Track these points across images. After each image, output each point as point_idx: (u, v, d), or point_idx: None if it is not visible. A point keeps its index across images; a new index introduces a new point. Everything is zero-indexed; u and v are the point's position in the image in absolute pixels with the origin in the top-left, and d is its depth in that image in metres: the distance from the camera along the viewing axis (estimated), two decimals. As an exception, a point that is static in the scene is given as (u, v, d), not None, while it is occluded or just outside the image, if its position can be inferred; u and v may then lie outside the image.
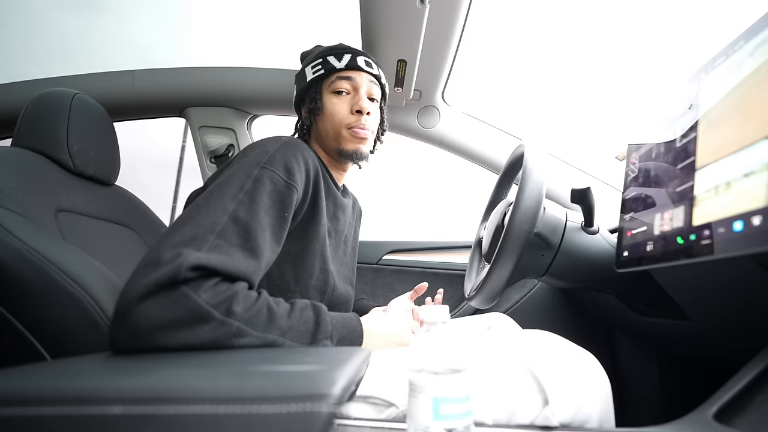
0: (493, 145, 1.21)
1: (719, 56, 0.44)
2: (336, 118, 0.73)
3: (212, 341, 0.42)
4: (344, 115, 0.73)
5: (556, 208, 0.69)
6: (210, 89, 1.19)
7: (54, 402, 0.28)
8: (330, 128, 0.74)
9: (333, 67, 0.75)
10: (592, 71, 31.16)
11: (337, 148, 0.74)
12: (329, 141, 0.75)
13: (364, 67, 0.76)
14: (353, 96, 0.75)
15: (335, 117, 0.73)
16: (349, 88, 0.75)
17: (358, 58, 0.76)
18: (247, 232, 0.49)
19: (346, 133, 0.73)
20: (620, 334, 0.96)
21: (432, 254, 1.27)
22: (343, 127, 0.73)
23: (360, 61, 0.76)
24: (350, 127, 0.73)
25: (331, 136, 0.74)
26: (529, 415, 0.40)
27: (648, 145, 0.55)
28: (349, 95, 0.75)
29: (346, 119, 0.73)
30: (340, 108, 0.74)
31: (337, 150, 0.74)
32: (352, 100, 0.74)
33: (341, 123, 0.73)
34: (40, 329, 0.51)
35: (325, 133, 0.75)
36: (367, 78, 0.76)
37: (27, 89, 1.16)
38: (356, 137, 0.73)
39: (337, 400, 0.28)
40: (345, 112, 0.74)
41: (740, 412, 0.35)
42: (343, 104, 0.74)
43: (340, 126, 0.73)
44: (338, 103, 0.74)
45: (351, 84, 0.75)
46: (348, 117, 0.73)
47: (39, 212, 0.62)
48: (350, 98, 0.75)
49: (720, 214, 0.36)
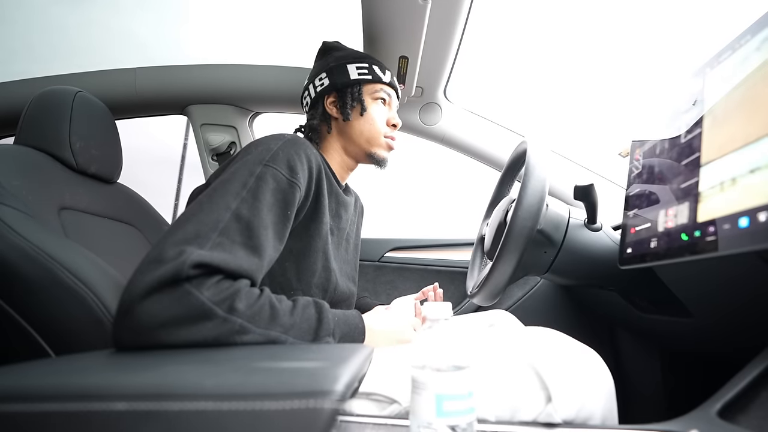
0: (495, 142, 1.21)
1: (725, 51, 0.44)
2: (377, 124, 0.79)
3: (215, 338, 0.42)
4: (383, 123, 0.80)
5: (559, 205, 0.69)
6: (212, 87, 1.19)
7: (58, 398, 0.28)
8: (367, 131, 0.78)
9: (380, 77, 0.80)
10: (596, 67, 30.95)
11: (369, 150, 0.79)
12: (362, 141, 0.79)
13: (398, 86, 0.84)
14: (389, 110, 0.83)
15: (376, 122, 0.79)
16: (388, 102, 0.82)
17: (395, 78, 0.84)
18: (249, 230, 0.49)
19: (383, 141, 0.80)
20: (623, 331, 0.96)
21: (434, 251, 1.26)
22: (381, 134, 0.79)
23: (396, 83, 0.84)
24: (386, 136, 0.80)
25: (366, 138, 0.79)
26: (532, 412, 0.40)
27: (652, 141, 0.55)
28: (386, 107, 0.82)
29: (384, 128, 0.80)
30: (383, 116, 0.81)
31: (368, 152, 0.79)
32: (389, 113, 0.82)
33: (380, 130, 0.79)
34: (43, 326, 0.51)
35: (359, 133, 0.78)
36: (396, 98, 0.85)
37: (29, 87, 1.16)
38: (390, 148, 0.81)
39: (340, 396, 0.28)
40: (385, 120, 0.81)
41: (744, 409, 0.34)
42: (384, 114, 0.81)
43: (379, 132, 0.79)
44: (380, 110, 0.80)
45: (389, 100, 0.82)
46: (385, 126, 0.81)
47: (42, 210, 0.62)
48: (387, 110, 0.82)
49: (725, 210, 0.36)
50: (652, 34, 29.90)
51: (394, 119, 0.81)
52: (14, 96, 1.16)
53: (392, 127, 0.81)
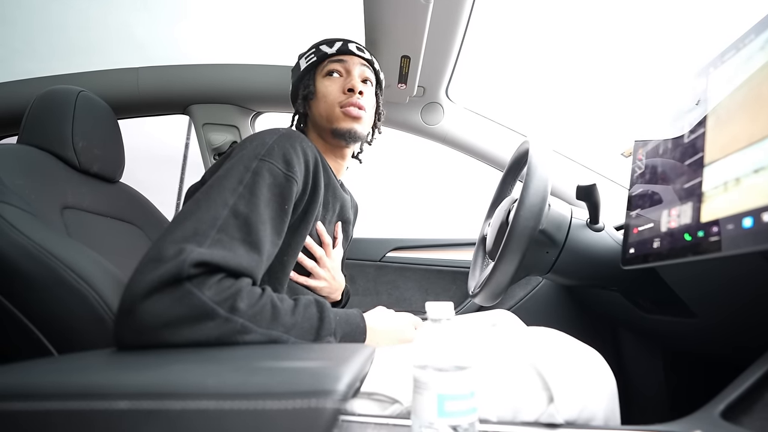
0: (497, 142, 1.20)
1: (729, 50, 0.44)
2: (328, 99, 0.74)
3: (217, 338, 0.42)
4: (336, 95, 0.74)
5: (561, 205, 0.69)
6: (214, 86, 1.19)
7: (60, 397, 0.28)
8: (323, 109, 0.74)
9: (325, 53, 0.76)
10: (598, 67, 30.90)
11: (331, 128, 0.74)
12: (323, 122, 0.75)
13: (356, 51, 0.77)
14: (345, 77, 0.76)
15: (327, 97, 0.74)
16: (342, 70, 0.76)
17: (349, 44, 0.77)
18: (248, 226, 0.49)
19: (339, 112, 0.73)
20: (625, 332, 0.96)
21: (436, 251, 1.26)
22: (336, 106, 0.73)
23: (351, 47, 0.77)
24: (342, 106, 0.73)
25: (325, 117, 0.74)
26: (534, 413, 0.40)
27: (655, 141, 0.55)
28: (341, 77, 0.76)
29: (338, 98, 0.74)
30: (332, 89, 0.74)
31: (331, 130, 0.74)
32: (344, 81, 0.75)
33: (333, 102, 0.73)
34: (46, 324, 0.51)
35: (318, 115, 0.75)
36: (359, 61, 0.77)
37: (31, 87, 1.17)
38: (349, 116, 0.73)
39: (342, 396, 0.28)
40: (337, 91, 0.74)
41: (748, 410, 0.34)
42: (335, 85, 0.75)
43: (333, 105, 0.73)
44: (330, 84, 0.75)
45: (343, 66, 0.76)
46: (340, 96, 0.74)
47: (45, 209, 0.62)
48: (342, 80, 0.75)
49: (729, 210, 0.36)
50: (655, 34, 29.70)
51: (350, 83, 0.73)
52: (17, 95, 1.17)
53: (349, 93, 0.73)
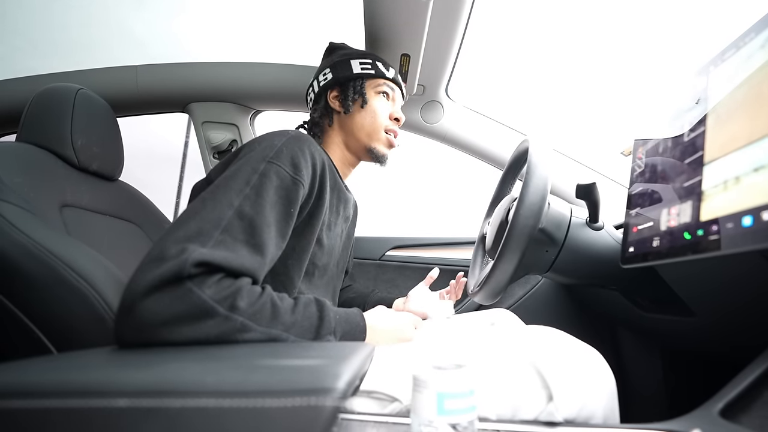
0: (497, 141, 1.20)
1: (729, 48, 0.44)
2: (378, 117, 0.78)
3: (217, 336, 0.42)
4: (385, 117, 0.79)
5: (561, 204, 0.69)
6: (213, 84, 1.19)
7: (60, 394, 0.28)
8: (368, 124, 0.78)
9: (383, 72, 0.80)
10: (598, 65, 30.88)
11: (369, 145, 0.79)
12: (362, 135, 0.78)
13: (402, 85, 0.84)
14: (392, 105, 0.82)
15: (378, 115, 0.78)
16: (391, 96, 0.82)
17: (398, 75, 0.84)
18: (252, 228, 0.49)
19: (383, 135, 0.79)
20: (624, 331, 0.96)
21: (435, 250, 1.26)
22: (382, 128, 0.79)
23: (399, 79, 0.84)
24: (387, 131, 0.79)
25: (366, 132, 0.78)
26: (533, 411, 0.40)
27: (655, 139, 0.55)
28: (389, 102, 0.81)
29: (386, 121, 0.79)
30: (385, 109, 0.80)
31: (368, 147, 0.79)
32: (392, 107, 0.81)
33: (381, 123, 0.79)
34: (46, 323, 0.51)
35: (360, 126, 0.78)
36: (400, 95, 0.84)
37: (30, 84, 1.16)
38: (391, 144, 0.80)
39: (342, 394, 0.28)
40: (387, 114, 0.80)
41: (747, 408, 0.34)
42: (387, 108, 0.80)
43: (380, 126, 0.78)
44: (383, 104, 0.80)
45: (392, 94, 0.82)
46: (387, 120, 0.80)
47: (44, 207, 0.62)
48: (391, 105, 0.81)
49: (729, 209, 0.36)
50: (654, 32, 29.65)
51: (397, 113, 0.80)
52: (16, 93, 1.16)
53: (395, 121, 0.80)
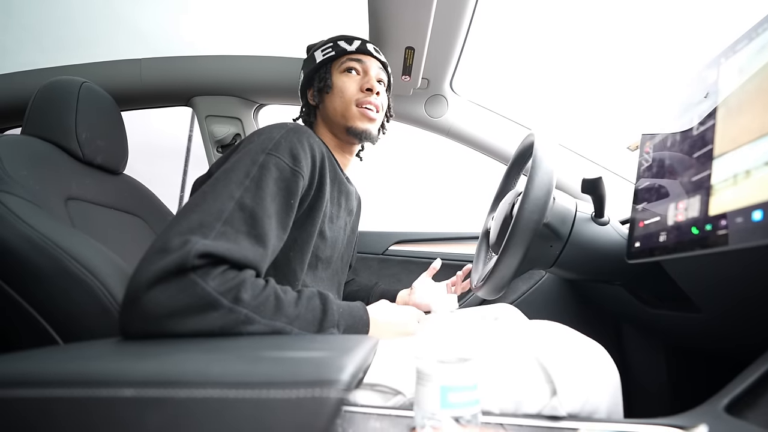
0: (501, 135, 1.19)
1: (741, 40, 0.43)
2: (346, 95, 0.75)
3: (220, 328, 0.42)
4: (354, 92, 0.75)
5: (566, 199, 0.68)
6: (217, 78, 1.19)
7: (66, 384, 0.28)
8: (339, 105, 0.75)
9: (344, 49, 0.77)
10: (605, 59, 30.45)
11: (346, 125, 0.75)
12: (338, 118, 0.76)
13: (374, 52, 0.79)
14: (363, 77, 0.77)
15: (345, 93, 0.75)
16: (359, 69, 0.77)
17: (367, 44, 0.79)
18: (253, 219, 0.49)
19: (356, 111, 0.74)
20: (628, 326, 0.96)
21: (439, 245, 1.26)
22: (353, 104, 0.75)
23: (370, 47, 0.79)
24: (360, 105, 0.74)
25: (340, 113, 0.75)
26: (537, 405, 0.40)
27: (663, 134, 0.54)
28: (359, 75, 0.77)
29: (356, 95, 0.75)
30: (351, 85, 0.76)
31: (346, 127, 0.76)
32: (362, 80, 0.77)
33: (351, 99, 0.75)
34: (52, 314, 0.51)
35: (333, 111, 0.76)
36: (376, 63, 0.79)
37: (35, 78, 1.17)
38: (366, 116, 0.74)
39: (346, 386, 0.28)
40: (355, 89, 0.75)
41: (752, 404, 0.34)
42: (354, 82, 0.76)
43: (350, 102, 0.75)
44: (348, 81, 0.76)
45: (361, 66, 0.77)
46: (357, 93, 0.75)
47: (49, 200, 0.63)
48: (360, 78, 0.77)
49: (738, 203, 0.35)
50: (662, 26, 29.21)
51: (368, 83, 0.75)
52: (21, 87, 1.17)
53: (366, 92, 0.75)
